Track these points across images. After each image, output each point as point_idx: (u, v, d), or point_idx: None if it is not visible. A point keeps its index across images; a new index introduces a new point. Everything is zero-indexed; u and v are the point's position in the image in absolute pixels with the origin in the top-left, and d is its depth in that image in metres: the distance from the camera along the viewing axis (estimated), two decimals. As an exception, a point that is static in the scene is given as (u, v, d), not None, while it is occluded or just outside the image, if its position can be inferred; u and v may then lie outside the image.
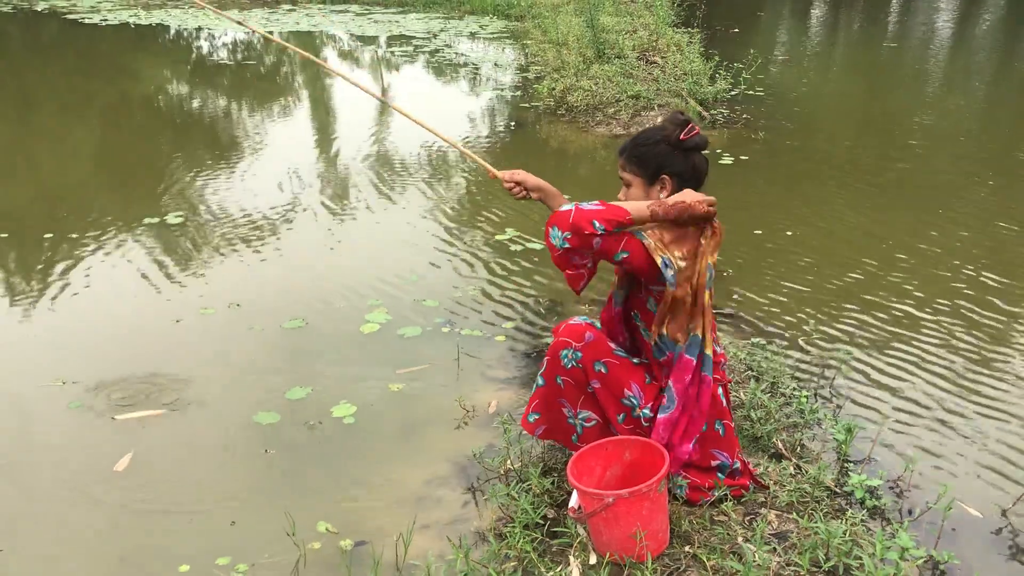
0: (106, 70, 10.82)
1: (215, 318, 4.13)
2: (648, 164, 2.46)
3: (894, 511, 2.78)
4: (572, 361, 2.53)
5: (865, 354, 3.81)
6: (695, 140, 2.45)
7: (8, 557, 2.67)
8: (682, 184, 2.46)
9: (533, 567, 2.39)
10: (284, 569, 2.58)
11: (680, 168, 2.45)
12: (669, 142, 2.44)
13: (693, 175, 2.47)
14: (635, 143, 2.50)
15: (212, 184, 6.21)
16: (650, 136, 2.48)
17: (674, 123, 2.46)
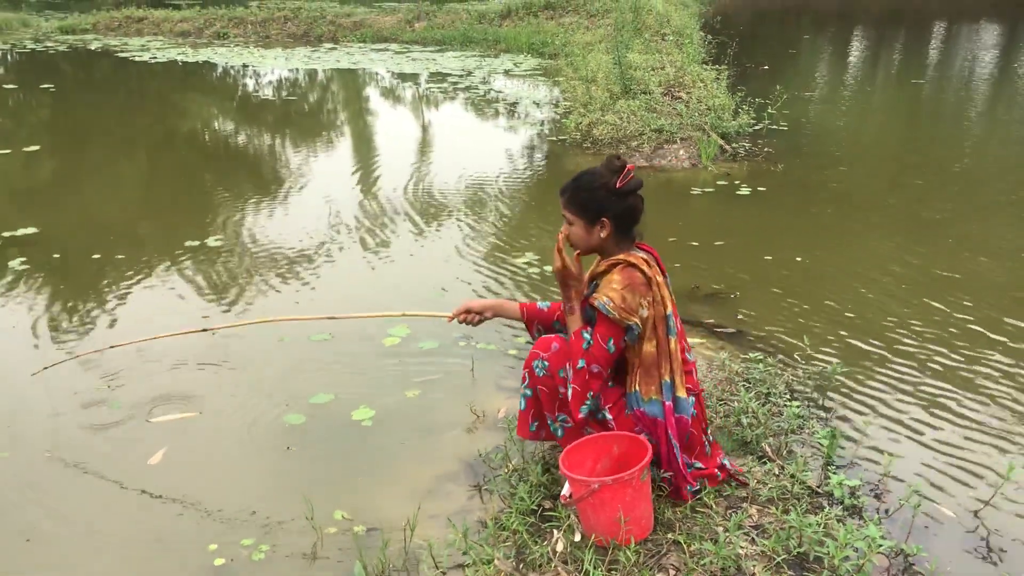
0: (155, 105, 11.35)
1: (248, 330, 4.42)
2: (588, 209, 2.73)
3: (871, 510, 2.96)
4: (542, 370, 2.79)
5: (857, 372, 3.98)
6: (630, 185, 2.70)
7: (50, 539, 2.94)
8: (619, 223, 2.73)
9: (525, 546, 2.62)
10: (303, 550, 2.83)
11: (618, 211, 2.72)
12: (607, 188, 2.69)
13: (629, 215, 2.75)
14: (576, 187, 2.76)
15: (252, 214, 6.56)
16: (589, 182, 2.73)
17: (611, 170, 2.70)
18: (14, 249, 5.57)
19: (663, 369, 2.70)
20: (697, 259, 5.38)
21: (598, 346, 2.67)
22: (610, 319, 2.64)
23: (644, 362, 2.69)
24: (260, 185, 7.47)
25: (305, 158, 8.62)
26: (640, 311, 2.65)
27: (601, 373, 2.69)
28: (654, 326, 2.69)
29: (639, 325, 2.65)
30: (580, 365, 2.68)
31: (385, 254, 5.63)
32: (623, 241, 2.78)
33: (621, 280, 2.66)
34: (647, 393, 2.70)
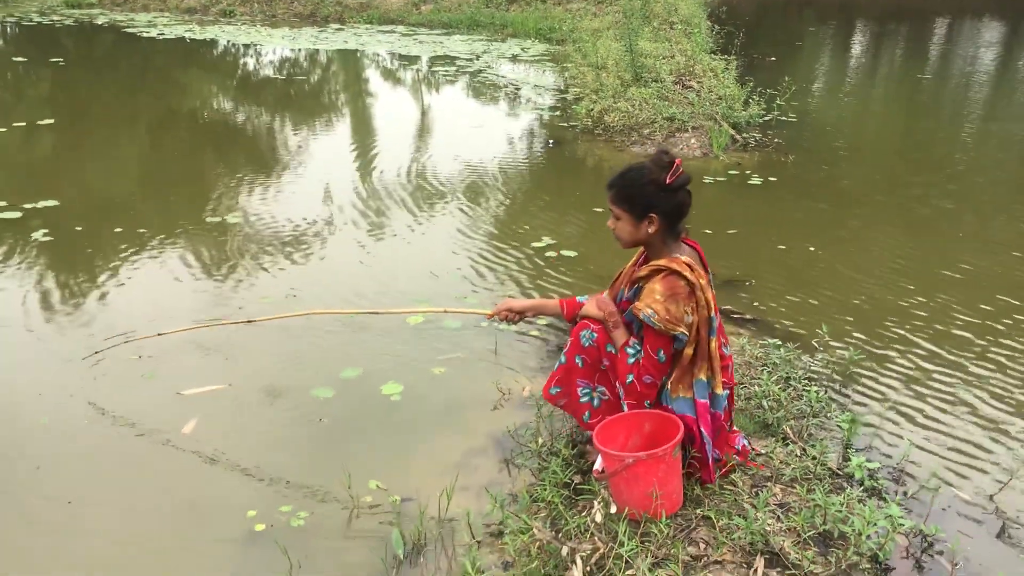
0: (165, 81, 11.36)
1: (273, 306, 4.49)
2: (636, 204, 2.72)
3: (890, 491, 3.05)
4: (589, 340, 2.86)
5: (874, 358, 4.08)
6: (679, 181, 2.68)
7: (90, 503, 3.02)
8: (667, 219, 2.72)
9: (560, 517, 2.70)
10: (340, 518, 2.92)
11: (667, 207, 2.70)
12: (657, 184, 2.67)
13: (678, 211, 2.73)
14: (623, 182, 2.75)
15: (266, 192, 6.62)
16: (638, 177, 2.71)
17: (660, 165, 2.68)
18: (37, 221, 5.63)
19: (698, 368, 2.72)
20: (711, 247, 5.40)
21: (648, 358, 2.69)
22: (656, 330, 2.65)
23: (681, 364, 2.71)
24: (275, 162, 7.52)
25: (334, 136, 8.67)
26: (686, 319, 2.64)
27: (655, 383, 2.72)
28: (697, 330, 2.69)
29: (686, 333, 2.65)
30: (629, 380, 2.71)
31: (402, 237, 5.69)
32: (669, 236, 2.77)
33: (663, 290, 2.65)
34: (676, 391, 2.73)
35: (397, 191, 6.65)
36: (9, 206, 5.86)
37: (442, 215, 6.13)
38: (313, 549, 2.77)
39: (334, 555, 2.76)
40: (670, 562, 2.49)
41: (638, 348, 2.73)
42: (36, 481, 3.13)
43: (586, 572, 2.44)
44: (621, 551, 2.45)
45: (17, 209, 5.81)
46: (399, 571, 2.68)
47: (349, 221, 5.92)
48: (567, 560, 2.50)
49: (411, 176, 7.10)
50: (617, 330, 2.79)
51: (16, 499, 3.03)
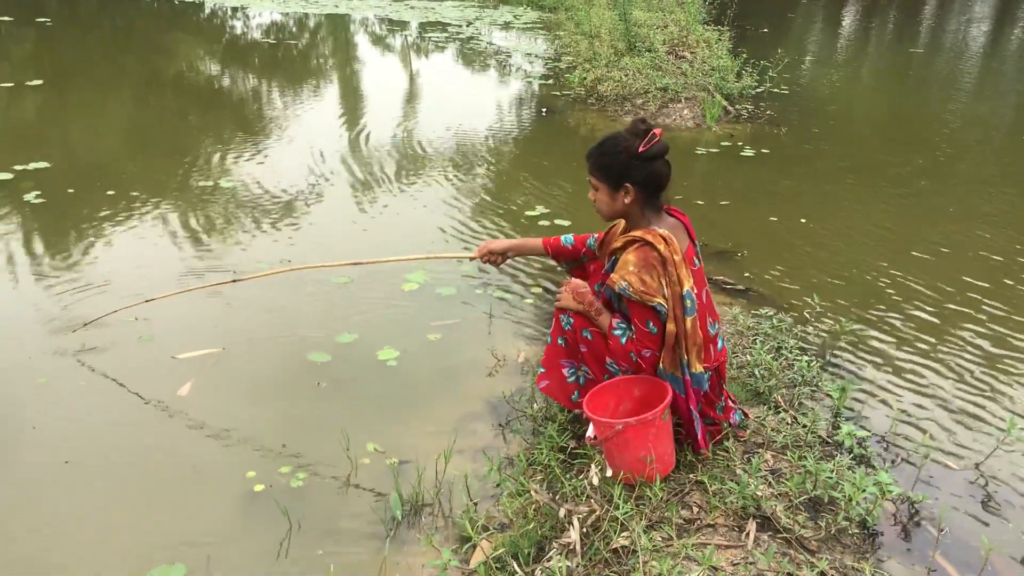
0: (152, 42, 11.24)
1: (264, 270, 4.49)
2: (611, 173, 2.68)
3: (878, 459, 3.11)
4: (567, 324, 2.85)
5: (865, 328, 4.13)
6: (655, 149, 2.63)
7: (88, 464, 3.05)
8: (643, 190, 2.68)
9: (556, 480, 2.75)
10: (339, 478, 2.96)
11: (641, 176, 2.65)
12: (630, 153, 2.62)
13: (654, 181, 2.67)
14: (599, 152, 2.71)
15: (260, 155, 6.60)
16: (612, 146, 2.66)
17: (634, 134, 2.63)
18: (28, 182, 5.60)
19: (682, 348, 2.69)
20: (703, 218, 5.49)
21: (639, 331, 2.66)
22: (635, 302, 2.63)
23: (667, 342, 2.68)
24: (265, 127, 7.48)
25: (323, 102, 8.62)
26: (662, 290, 2.61)
27: (655, 355, 2.69)
28: (671, 305, 2.64)
29: (663, 304, 2.61)
30: (633, 359, 2.70)
31: (394, 206, 5.70)
32: (648, 207, 2.73)
33: (636, 261, 2.62)
34: (668, 368, 2.72)
35: (388, 159, 6.64)
36: (0, 167, 5.81)
37: (435, 183, 6.13)
38: (312, 510, 2.81)
39: (333, 515, 2.80)
40: (664, 525, 2.54)
41: (624, 326, 2.71)
42: (32, 441, 3.15)
43: (582, 533, 2.49)
44: (616, 514, 2.49)
45: (8, 171, 5.77)
46: (397, 531, 2.73)
47: (340, 188, 5.91)
48: (564, 521, 2.55)
49: (402, 144, 7.09)
50: (600, 316, 2.75)
51: (12, 459, 3.05)
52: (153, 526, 2.76)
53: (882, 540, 2.67)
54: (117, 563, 2.60)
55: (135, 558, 2.61)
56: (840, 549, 2.54)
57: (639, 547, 2.38)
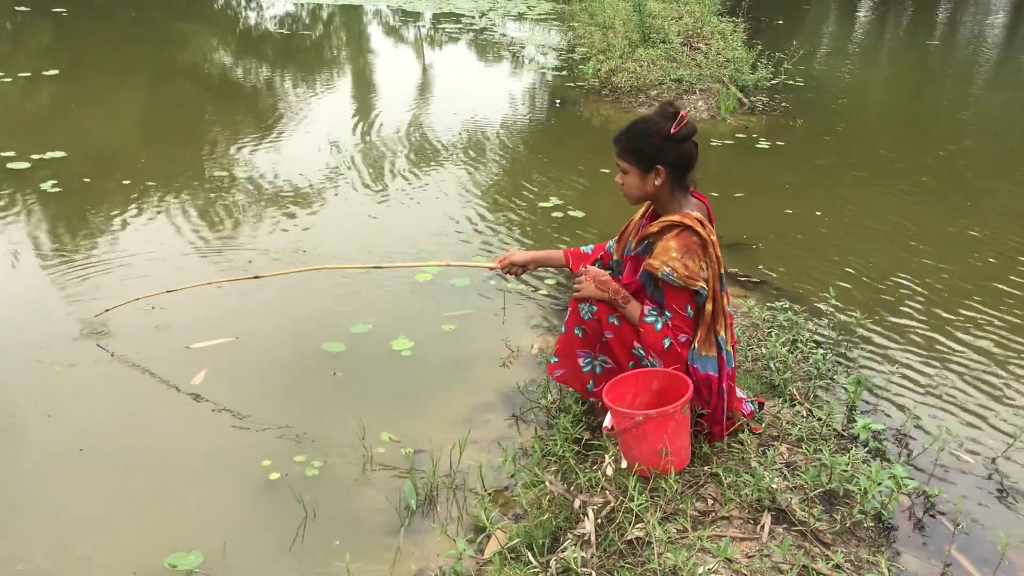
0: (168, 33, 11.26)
1: (283, 262, 4.51)
2: (642, 156, 2.70)
3: (894, 453, 3.10)
4: (589, 314, 2.83)
5: (880, 322, 4.12)
6: (685, 131, 2.67)
7: (103, 450, 3.07)
8: (674, 171, 2.71)
9: (571, 471, 2.75)
10: (354, 467, 2.97)
11: (671, 158, 2.69)
12: (661, 135, 2.66)
13: (684, 162, 2.72)
14: (629, 135, 2.74)
15: (276, 145, 6.61)
16: (643, 129, 2.70)
17: (664, 116, 2.67)
18: (45, 171, 5.62)
19: (719, 325, 2.74)
20: (718, 209, 5.40)
21: (677, 315, 2.67)
22: (676, 287, 2.65)
23: (704, 321, 2.70)
24: (279, 118, 7.49)
25: (337, 93, 8.62)
26: (703, 273, 2.65)
27: (689, 340, 2.71)
28: (712, 285, 2.69)
29: (705, 288, 2.65)
30: (667, 345, 2.69)
31: (408, 196, 5.70)
32: (677, 189, 2.75)
33: (678, 247, 2.64)
34: (702, 349, 2.72)
35: (401, 150, 6.64)
36: (17, 156, 5.84)
37: (449, 175, 6.12)
38: (327, 498, 2.82)
39: (348, 504, 2.81)
40: (678, 516, 2.54)
41: (656, 313, 2.71)
42: (47, 429, 3.17)
43: (597, 524, 2.49)
44: (631, 505, 2.49)
45: (25, 159, 5.80)
46: (412, 521, 2.74)
47: (355, 178, 5.92)
48: (579, 512, 2.55)
49: (416, 135, 7.08)
50: (628, 305, 2.74)
51: (27, 447, 3.07)
52: (169, 514, 2.78)
53: (897, 534, 2.67)
54: (133, 550, 2.61)
55: (151, 545, 2.62)
56: (855, 542, 2.54)
57: (654, 539, 2.38)
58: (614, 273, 2.94)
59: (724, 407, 2.82)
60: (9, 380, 3.45)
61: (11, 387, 3.40)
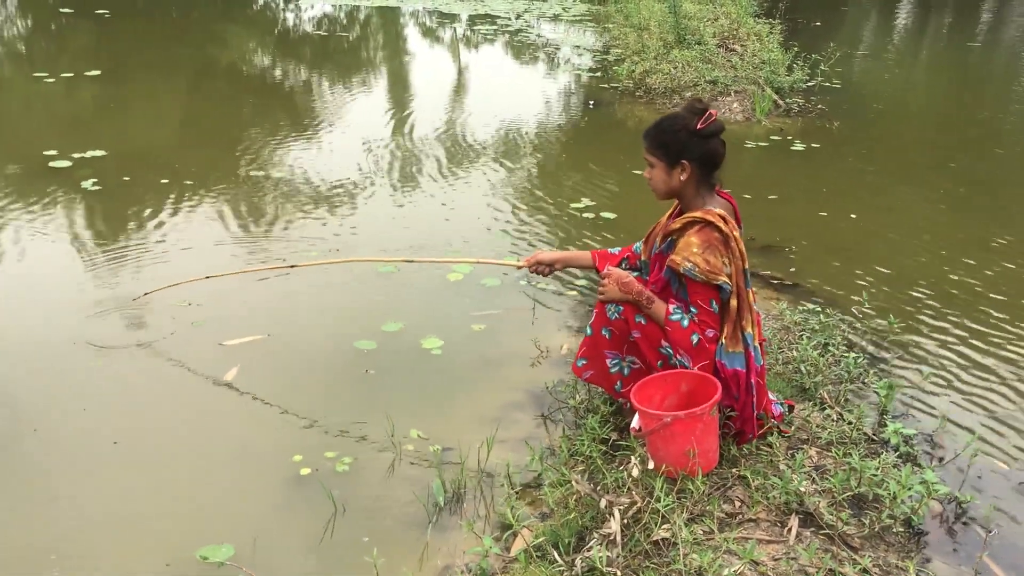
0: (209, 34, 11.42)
1: (315, 258, 4.56)
2: (669, 150, 2.74)
3: (925, 458, 3.07)
4: (615, 314, 2.85)
5: (913, 326, 4.08)
6: (712, 128, 2.70)
7: (136, 443, 3.13)
8: (700, 167, 2.73)
9: (598, 471, 2.76)
10: (383, 464, 3.00)
11: (698, 153, 2.71)
12: (688, 130, 2.69)
13: (710, 159, 2.74)
14: (657, 130, 2.78)
15: (310, 146, 6.69)
16: (671, 124, 2.74)
17: (692, 112, 2.70)
18: (86, 170, 5.73)
19: (745, 321, 2.74)
20: (751, 211, 5.41)
21: (704, 311, 2.69)
22: (699, 282, 2.67)
23: (730, 317, 2.71)
24: (315, 117, 7.58)
25: (372, 93, 8.70)
26: (725, 268, 2.66)
27: (716, 335, 2.72)
28: (735, 280, 2.71)
29: (728, 282, 2.66)
30: (695, 341, 2.69)
31: (440, 195, 5.74)
32: (702, 186, 2.77)
33: (700, 242, 2.66)
34: (729, 346, 2.73)
35: (435, 150, 6.68)
36: (59, 155, 5.96)
37: (480, 174, 6.16)
38: (357, 494, 2.86)
39: (377, 500, 2.84)
40: (705, 518, 2.54)
41: (682, 311, 2.72)
42: (82, 422, 3.23)
43: (623, 524, 2.50)
44: (658, 506, 2.50)
45: (67, 158, 5.91)
46: (440, 517, 2.76)
47: (388, 178, 5.96)
48: (605, 512, 2.56)
49: (450, 135, 7.13)
50: (653, 305, 2.75)
51: (61, 438, 3.14)
52: (201, 507, 2.83)
53: (928, 539, 2.64)
54: (166, 542, 2.66)
55: (184, 537, 2.67)
56: (884, 547, 2.52)
57: (680, 539, 2.38)
58: (642, 274, 2.96)
59: (753, 404, 2.82)
60: (47, 373, 3.52)
61: (49, 380, 3.48)
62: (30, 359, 3.62)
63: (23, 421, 3.20)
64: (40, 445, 3.09)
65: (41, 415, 3.25)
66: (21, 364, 3.58)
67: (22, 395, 3.37)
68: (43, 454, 3.04)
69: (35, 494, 2.85)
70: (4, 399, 3.33)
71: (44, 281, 4.31)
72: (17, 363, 3.59)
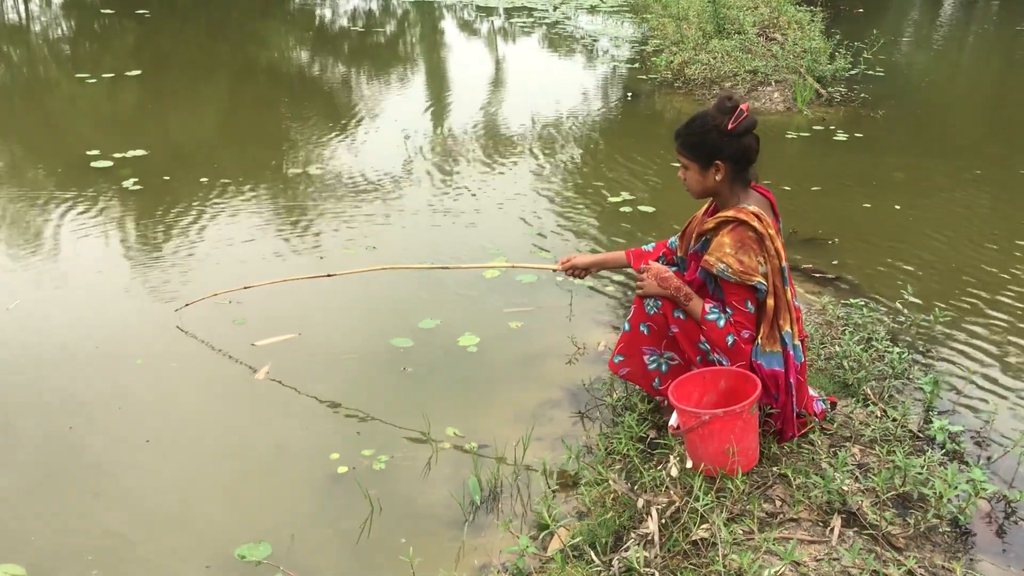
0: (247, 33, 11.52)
1: (354, 257, 4.58)
2: (701, 152, 2.68)
3: (972, 456, 3.00)
4: (654, 308, 2.81)
5: (960, 321, 3.98)
6: (744, 125, 2.63)
7: (169, 443, 3.15)
8: (735, 165, 2.67)
9: (635, 470, 2.73)
10: (420, 462, 3.00)
11: (731, 152, 2.65)
12: (719, 130, 2.62)
13: (744, 156, 2.67)
14: (688, 131, 2.72)
15: (349, 144, 6.71)
16: (701, 124, 2.67)
17: (722, 111, 2.63)
18: (127, 170, 5.80)
19: (783, 320, 2.69)
20: (793, 204, 5.35)
21: (738, 311, 2.64)
22: (733, 283, 2.62)
23: (767, 317, 2.66)
24: (351, 114, 7.60)
25: (409, 88, 8.71)
26: (760, 268, 2.61)
27: (752, 336, 2.67)
28: (771, 280, 2.65)
29: (763, 283, 2.61)
30: (731, 342, 2.66)
31: (477, 189, 5.72)
32: (737, 184, 2.72)
33: (733, 242, 2.61)
34: (766, 345, 2.68)
35: (472, 144, 6.67)
36: (101, 155, 6.04)
37: (518, 168, 6.13)
38: (393, 492, 2.86)
39: (413, 498, 2.84)
40: (745, 518, 2.49)
41: (719, 310, 2.68)
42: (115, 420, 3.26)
43: (661, 524, 2.47)
44: (696, 505, 2.46)
45: (108, 158, 5.99)
46: (476, 516, 2.76)
47: (425, 173, 5.96)
48: (643, 512, 2.53)
49: (487, 129, 7.11)
50: (691, 302, 2.72)
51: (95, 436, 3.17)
52: (238, 505, 2.85)
53: (975, 540, 2.58)
54: (204, 541, 2.69)
55: (222, 536, 2.69)
56: (930, 548, 2.46)
57: (719, 540, 2.34)
58: (679, 270, 2.91)
59: (794, 404, 2.77)
60: (90, 370, 3.57)
61: (84, 380, 3.52)
62: (65, 358, 3.66)
63: (59, 420, 3.24)
64: (75, 444, 3.12)
65: (74, 414, 3.29)
66: (56, 364, 3.62)
67: (56, 394, 3.41)
68: (78, 454, 3.07)
69: (70, 495, 2.88)
70: (40, 399, 3.38)
71: (82, 281, 4.37)
72: (52, 363, 3.63)
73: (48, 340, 3.79)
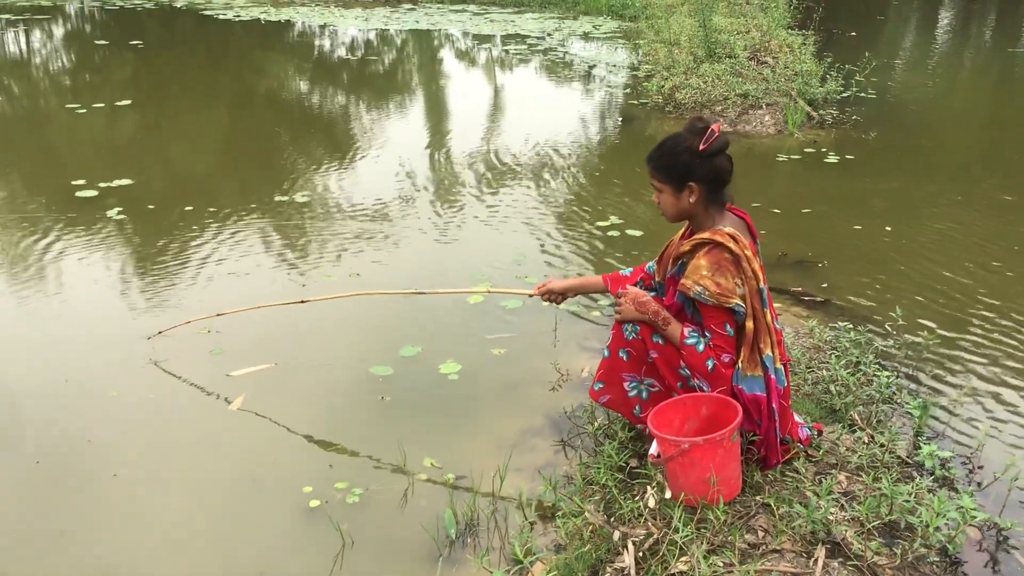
0: (239, 63, 11.55)
1: (335, 285, 4.52)
2: (674, 174, 2.64)
3: (962, 482, 2.92)
4: (633, 334, 2.76)
5: (949, 345, 3.91)
6: (715, 145, 2.59)
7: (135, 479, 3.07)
8: (708, 187, 2.63)
9: (614, 501, 2.65)
10: (395, 494, 2.92)
11: (704, 173, 2.61)
12: (691, 152, 2.59)
13: (717, 177, 2.63)
14: (660, 153, 2.67)
15: (333, 173, 6.68)
16: (673, 146, 2.63)
17: (693, 132, 2.59)
18: (112, 199, 5.77)
19: (763, 343, 2.63)
20: (782, 226, 5.31)
21: (717, 335, 2.59)
22: (711, 306, 2.57)
23: (747, 340, 2.61)
24: (345, 143, 7.58)
25: (405, 116, 8.70)
26: (738, 290, 2.56)
27: (732, 360, 2.62)
28: (750, 302, 2.60)
29: (741, 304, 2.56)
30: (711, 367, 2.60)
31: (464, 218, 5.68)
32: (712, 205, 2.68)
33: (709, 264, 2.56)
34: (747, 370, 2.62)
35: (464, 170, 6.64)
36: (87, 184, 6.01)
37: (508, 194, 6.09)
38: (366, 526, 2.78)
39: (387, 533, 2.76)
40: (726, 549, 2.41)
41: (697, 334, 2.63)
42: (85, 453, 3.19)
43: (638, 557, 2.39)
44: (676, 537, 2.39)
45: (94, 188, 5.96)
46: (451, 550, 2.67)
47: (413, 200, 5.92)
48: (619, 545, 2.45)
49: (479, 155, 7.08)
50: (669, 327, 2.67)
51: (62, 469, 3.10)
52: (207, 541, 2.77)
53: (965, 569, 2.50)
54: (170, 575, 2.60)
55: (189, 573, 2.61)
56: (917, 579, 2.38)
57: (699, 572, 2.27)
58: (658, 295, 2.85)
59: (777, 429, 2.70)
60: (64, 403, 3.50)
61: (53, 411, 3.44)
62: (36, 390, 3.59)
63: (26, 454, 3.17)
64: (43, 479, 3.04)
65: (44, 446, 3.21)
66: (28, 395, 3.55)
67: (28, 424, 3.34)
68: (46, 489, 2.99)
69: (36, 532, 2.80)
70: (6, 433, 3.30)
71: (56, 311, 4.30)
72: (24, 393, 3.56)
73: (18, 371, 3.72)
